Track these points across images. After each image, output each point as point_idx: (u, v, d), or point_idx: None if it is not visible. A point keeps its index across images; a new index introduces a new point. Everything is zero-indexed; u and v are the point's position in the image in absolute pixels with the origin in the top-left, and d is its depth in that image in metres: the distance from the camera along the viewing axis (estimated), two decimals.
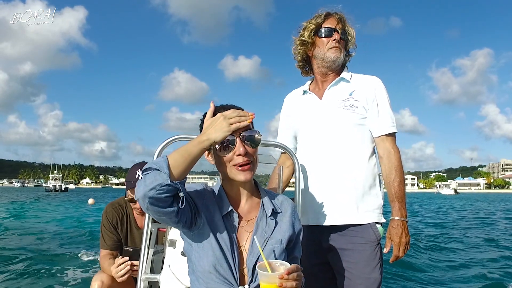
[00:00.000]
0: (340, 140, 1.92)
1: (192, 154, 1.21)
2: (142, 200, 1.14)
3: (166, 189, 1.14)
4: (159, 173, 1.15)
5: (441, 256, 8.23)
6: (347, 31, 2.01)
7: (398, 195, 1.86)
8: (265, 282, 1.16)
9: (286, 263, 1.22)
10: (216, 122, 1.23)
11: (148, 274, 1.79)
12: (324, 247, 1.94)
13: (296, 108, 2.13)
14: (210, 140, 1.21)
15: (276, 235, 1.36)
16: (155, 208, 1.16)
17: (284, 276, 1.13)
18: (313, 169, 1.97)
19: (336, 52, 1.96)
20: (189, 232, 1.31)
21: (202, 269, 1.26)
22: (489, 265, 7.14)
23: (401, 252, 1.81)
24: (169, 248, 1.80)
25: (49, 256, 7.39)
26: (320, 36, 1.99)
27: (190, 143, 1.23)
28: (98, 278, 2.17)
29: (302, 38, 2.03)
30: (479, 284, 5.77)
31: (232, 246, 1.29)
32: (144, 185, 1.13)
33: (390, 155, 1.91)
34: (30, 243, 9.30)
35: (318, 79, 2.07)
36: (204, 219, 1.30)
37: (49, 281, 5.53)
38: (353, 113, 1.93)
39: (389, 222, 1.88)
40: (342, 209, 1.88)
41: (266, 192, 1.45)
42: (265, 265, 1.19)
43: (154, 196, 1.13)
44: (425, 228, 13.76)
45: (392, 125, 1.94)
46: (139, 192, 1.14)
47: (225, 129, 1.22)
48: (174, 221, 1.22)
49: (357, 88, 1.97)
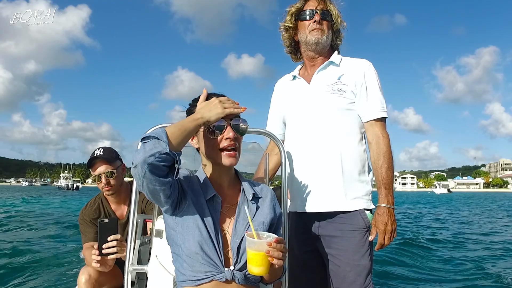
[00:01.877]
0: (328, 126, 1.86)
1: (188, 129, 1.24)
2: (141, 166, 1.14)
3: (165, 158, 1.16)
4: (158, 141, 1.17)
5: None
6: (330, 11, 1.93)
7: (385, 182, 1.81)
8: (253, 250, 1.18)
9: (272, 234, 1.24)
10: (211, 104, 1.29)
11: (136, 265, 1.76)
12: (313, 235, 1.90)
13: (285, 93, 2.08)
14: (204, 118, 1.26)
15: (258, 218, 1.39)
16: (152, 176, 1.16)
17: (273, 244, 1.16)
18: (301, 155, 1.92)
19: (317, 33, 1.90)
20: (172, 214, 1.32)
21: (188, 250, 1.27)
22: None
23: (386, 240, 1.75)
24: (156, 238, 1.77)
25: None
26: (302, 20, 1.94)
27: (186, 120, 1.27)
28: (85, 271, 2.11)
29: (285, 24, 1.99)
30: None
31: (216, 229, 1.31)
32: (143, 151, 1.14)
33: (379, 141, 1.84)
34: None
35: (307, 63, 2.02)
36: (190, 201, 1.31)
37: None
38: (341, 98, 1.87)
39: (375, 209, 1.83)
40: (330, 196, 1.83)
41: (245, 180, 1.49)
42: (253, 235, 1.21)
43: (153, 162, 1.14)
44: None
45: (381, 110, 1.87)
46: (139, 158, 1.14)
47: (219, 111, 1.27)
48: (166, 194, 1.23)
49: (346, 72, 1.91)
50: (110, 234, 1.98)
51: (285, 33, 2.02)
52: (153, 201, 1.27)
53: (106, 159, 2.28)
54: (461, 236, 10.95)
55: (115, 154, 2.37)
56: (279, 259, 1.18)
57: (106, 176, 2.26)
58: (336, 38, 2.01)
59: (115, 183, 2.31)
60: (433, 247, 8.76)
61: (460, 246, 9.09)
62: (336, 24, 1.95)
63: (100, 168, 2.27)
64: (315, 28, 1.90)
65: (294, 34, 2.00)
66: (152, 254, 1.77)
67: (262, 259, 1.17)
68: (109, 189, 2.30)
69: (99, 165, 2.27)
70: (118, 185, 2.34)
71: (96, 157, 2.27)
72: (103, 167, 2.27)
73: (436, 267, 6.78)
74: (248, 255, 1.20)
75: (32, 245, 8.00)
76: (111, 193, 2.33)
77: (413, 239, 9.43)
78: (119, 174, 2.34)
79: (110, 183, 2.28)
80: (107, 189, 2.30)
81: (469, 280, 5.78)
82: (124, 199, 2.43)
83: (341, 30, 2.01)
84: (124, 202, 2.44)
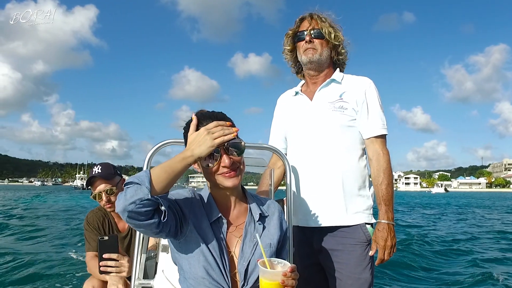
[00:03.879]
0: (330, 142, 1.88)
1: (175, 171, 1.17)
2: (122, 213, 1.12)
3: (147, 203, 1.11)
4: (140, 187, 1.12)
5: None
6: (321, 28, 1.93)
7: (385, 198, 1.82)
8: (267, 280, 1.14)
9: (283, 261, 1.21)
10: (200, 137, 1.19)
11: (142, 280, 1.76)
12: (315, 249, 1.91)
13: (287, 109, 2.09)
14: (195, 156, 1.18)
15: (265, 239, 1.34)
16: (134, 222, 1.14)
17: (288, 274, 1.12)
18: (302, 171, 1.93)
19: (309, 53, 1.93)
20: (175, 240, 1.29)
21: (195, 276, 1.24)
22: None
23: (386, 255, 1.77)
24: (162, 253, 1.78)
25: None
26: (297, 41, 1.99)
27: (174, 159, 1.19)
28: (89, 283, 2.12)
29: (285, 47, 2.05)
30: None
31: (222, 252, 1.27)
32: (124, 199, 1.11)
33: (379, 157, 1.86)
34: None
35: (308, 81, 2.04)
36: (191, 226, 1.27)
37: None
38: (343, 115, 1.88)
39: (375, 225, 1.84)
40: (331, 211, 1.84)
41: (253, 197, 1.44)
42: (265, 263, 1.17)
43: (134, 210, 1.10)
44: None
45: (382, 127, 1.89)
46: (119, 205, 1.12)
47: (209, 144, 1.17)
48: (154, 232, 1.19)
49: (347, 90, 1.92)
50: (110, 251, 2.00)
51: (287, 55, 2.08)
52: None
53: (104, 177, 2.26)
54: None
55: (113, 170, 2.35)
56: (293, 287, 1.15)
57: (106, 194, 2.25)
58: (336, 54, 1.99)
59: (116, 200, 2.30)
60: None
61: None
62: (332, 41, 1.95)
63: (100, 186, 2.25)
64: (307, 48, 1.93)
65: (295, 55, 2.05)
66: (158, 269, 1.78)
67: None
68: (110, 206, 2.29)
69: (99, 183, 2.26)
70: None
71: (95, 176, 2.26)
72: (102, 185, 2.25)
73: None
74: (261, 285, 1.15)
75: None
76: (112, 210, 2.33)
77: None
78: (119, 190, 2.31)
79: (111, 200, 2.27)
80: (108, 207, 2.29)
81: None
82: None
83: (343, 45, 2.00)
84: None
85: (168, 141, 1.75)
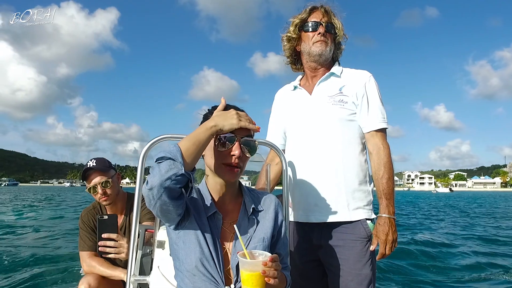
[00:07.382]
0: (329, 136, 1.80)
1: (202, 141, 1.16)
2: (158, 189, 1.07)
3: (181, 179, 1.10)
4: (173, 162, 1.10)
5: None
6: (334, 24, 1.88)
7: (386, 192, 1.74)
8: (248, 271, 1.09)
9: (265, 252, 1.16)
10: (228, 114, 1.21)
11: (137, 276, 1.71)
12: (315, 244, 1.84)
13: (286, 103, 2.02)
14: (218, 126, 1.18)
15: (258, 234, 1.31)
16: (168, 199, 1.10)
17: (268, 263, 1.08)
18: (302, 165, 1.86)
19: (322, 45, 1.85)
20: (175, 229, 1.26)
21: (189, 266, 1.22)
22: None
23: (387, 250, 1.69)
24: (158, 249, 1.72)
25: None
26: (306, 31, 1.89)
27: (198, 130, 1.18)
28: (85, 281, 2.06)
29: (288, 34, 1.94)
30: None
31: (216, 247, 1.25)
32: (159, 174, 1.07)
33: (380, 151, 1.78)
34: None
35: (308, 74, 1.96)
36: (192, 217, 1.26)
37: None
38: (343, 109, 1.81)
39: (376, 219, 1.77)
40: (332, 206, 1.77)
41: (249, 191, 1.42)
42: (245, 254, 1.13)
43: (170, 186, 1.08)
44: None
45: (382, 121, 1.81)
46: (155, 181, 1.07)
47: (234, 122, 1.19)
48: (179, 213, 1.18)
49: (347, 83, 1.85)
50: (109, 231, 1.97)
51: (287, 43, 1.97)
52: (162, 218, 1.20)
53: (100, 169, 2.21)
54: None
55: (108, 163, 2.30)
56: (275, 277, 1.10)
57: (101, 186, 2.20)
58: (337, 50, 1.96)
59: (112, 193, 2.25)
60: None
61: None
62: (338, 37, 1.91)
63: (95, 179, 2.20)
64: (319, 40, 1.85)
65: (296, 44, 1.95)
66: (154, 265, 1.72)
67: (258, 279, 1.09)
68: (106, 199, 2.23)
69: (94, 176, 2.21)
70: (115, 194, 2.28)
71: (90, 168, 2.21)
72: (98, 177, 2.20)
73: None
74: (242, 276, 1.10)
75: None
76: (108, 203, 2.27)
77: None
78: (114, 183, 2.27)
79: (106, 193, 2.22)
80: (104, 199, 2.24)
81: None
82: (121, 208, 2.37)
83: (342, 43, 1.97)
84: (121, 212, 2.37)
85: (164, 136, 1.68)
